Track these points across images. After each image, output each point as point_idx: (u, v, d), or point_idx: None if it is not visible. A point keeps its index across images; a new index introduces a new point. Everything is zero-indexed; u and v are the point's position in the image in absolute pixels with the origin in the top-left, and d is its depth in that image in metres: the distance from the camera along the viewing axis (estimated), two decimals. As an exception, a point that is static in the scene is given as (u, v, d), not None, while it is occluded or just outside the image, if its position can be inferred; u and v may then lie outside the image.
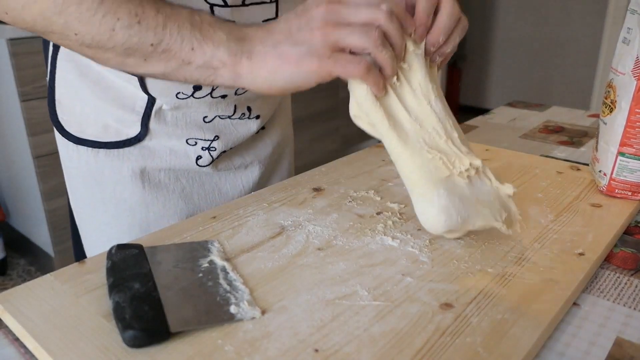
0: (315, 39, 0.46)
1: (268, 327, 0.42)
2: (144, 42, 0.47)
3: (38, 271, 2.08)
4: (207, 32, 0.47)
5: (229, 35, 0.48)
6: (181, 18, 0.47)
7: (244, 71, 0.48)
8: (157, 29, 0.47)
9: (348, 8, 0.46)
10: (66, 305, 0.44)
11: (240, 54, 0.48)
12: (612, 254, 0.56)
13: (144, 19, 0.46)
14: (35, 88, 1.72)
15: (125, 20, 0.46)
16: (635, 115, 0.61)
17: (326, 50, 0.46)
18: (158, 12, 0.47)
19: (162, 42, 0.47)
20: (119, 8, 0.46)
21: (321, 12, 0.46)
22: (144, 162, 0.69)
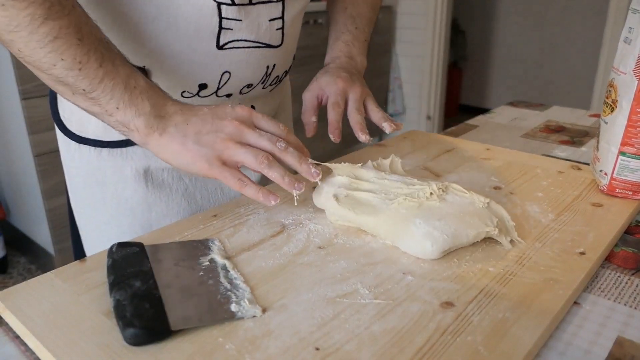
0: (215, 147, 0.54)
1: (269, 326, 0.41)
2: (77, 85, 0.51)
3: (39, 269, 2.08)
4: (135, 100, 0.53)
5: (152, 109, 0.54)
6: (118, 78, 0.52)
7: (153, 143, 0.54)
8: (93, 80, 0.51)
9: (253, 134, 0.55)
10: (67, 303, 0.44)
11: (155, 129, 0.54)
12: (613, 253, 0.55)
13: (85, 68, 0.50)
14: (36, 86, 1.72)
15: (68, 63, 0.50)
16: (637, 115, 0.61)
17: (219, 160, 0.54)
18: (100, 66, 0.51)
19: (93, 92, 0.51)
20: (66, 50, 0.49)
21: (230, 128, 0.54)
22: (147, 162, 0.69)
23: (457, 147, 0.84)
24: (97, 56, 0.51)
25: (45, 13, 0.47)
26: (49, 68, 0.50)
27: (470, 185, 0.67)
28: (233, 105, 0.56)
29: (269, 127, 0.57)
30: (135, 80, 0.53)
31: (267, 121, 0.57)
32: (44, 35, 0.48)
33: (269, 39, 0.66)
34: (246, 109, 0.56)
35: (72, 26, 0.49)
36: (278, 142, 0.55)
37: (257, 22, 0.64)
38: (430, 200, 0.55)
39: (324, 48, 0.84)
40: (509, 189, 0.68)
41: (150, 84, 0.55)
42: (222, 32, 0.61)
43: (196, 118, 0.55)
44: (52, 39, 0.48)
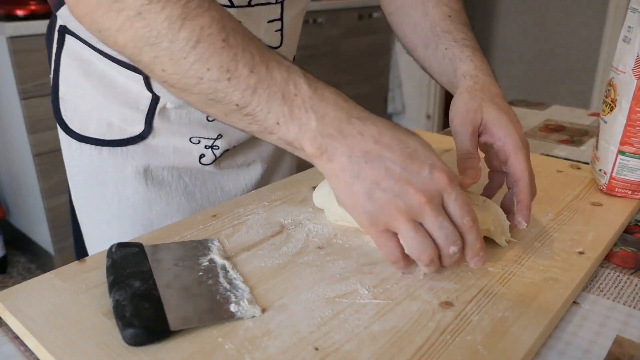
0: (385, 211, 0.42)
1: (268, 325, 0.42)
2: (229, 100, 0.43)
3: (38, 269, 2.08)
4: (297, 111, 0.42)
5: (319, 124, 0.42)
6: (274, 85, 0.42)
7: (321, 166, 0.44)
8: (245, 91, 0.42)
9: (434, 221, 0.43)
10: (66, 303, 0.44)
11: (324, 151, 0.43)
12: (612, 252, 0.56)
13: (235, 77, 0.42)
14: (36, 86, 1.72)
15: (215, 73, 0.42)
16: (636, 114, 0.61)
17: (382, 224, 0.43)
18: (252, 72, 0.42)
19: (247, 106, 0.43)
20: (211, 57, 0.41)
21: (414, 201, 0.42)
22: (147, 160, 0.69)
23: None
24: (246, 60, 0.42)
25: (183, 12, 0.41)
26: (196, 84, 0.42)
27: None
28: (433, 167, 0.43)
29: (454, 215, 0.44)
30: (295, 85, 0.43)
31: (457, 207, 0.43)
32: (185, 42, 0.41)
33: (268, 40, 0.66)
34: (444, 179, 0.43)
35: (215, 24, 0.42)
36: (452, 247, 0.44)
37: (256, 23, 0.63)
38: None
39: (323, 48, 0.84)
40: (508, 189, 0.68)
41: (317, 87, 0.43)
42: None
43: (380, 162, 0.42)
44: (194, 44, 0.41)
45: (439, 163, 0.43)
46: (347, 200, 0.44)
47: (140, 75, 0.64)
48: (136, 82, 0.65)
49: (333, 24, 2.68)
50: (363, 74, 2.91)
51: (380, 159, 0.42)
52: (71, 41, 0.67)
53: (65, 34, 0.67)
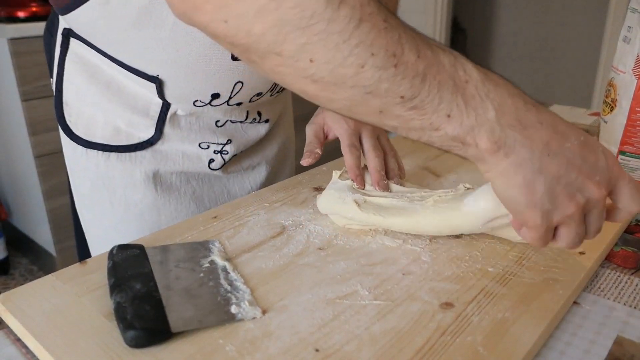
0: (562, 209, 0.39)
1: (269, 327, 0.42)
2: (393, 91, 0.36)
3: (40, 270, 2.09)
4: (472, 100, 0.37)
5: (499, 113, 0.37)
6: (443, 72, 0.36)
7: (492, 162, 0.39)
8: (414, 80, 0.35)
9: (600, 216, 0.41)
10: (68, 305, 0.44)
11: (502, 145, 0.37)
12: (613, 252, 0.56)
13: (402, 63, 0.35)
14: (36, 87, 1.73)
15: (380, 59, 0.35)
16: (636, 114, 0.61)
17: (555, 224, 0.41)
18: (418, 56, 0.35)
19: (415, 97, 0.36)
20: (375, 40, 0.34)
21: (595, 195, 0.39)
22: (156, 166, 0.69)
23: (457, 146, 0.84)
24: (411, 43, 0.35)
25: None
26: (354, 75, 0.35)
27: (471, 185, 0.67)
28: (606, 156, 0.40)
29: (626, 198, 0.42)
30: (464, 69, 0.37)
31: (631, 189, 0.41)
32: (346, 21, 0.33)
33: None
34: (617, 167, 0.40)
35: (373, 2, 0.35)
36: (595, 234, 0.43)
37: None
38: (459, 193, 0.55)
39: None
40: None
41: (486, 72, 0.38)
42: None
43: (562, 154, 0.38)
44: (357, 23, 0.34)
45: (607, 150, 0.41)
46: (524, 198, 0.39)
47: (152, 84, 0.64)
48: (146, 88, 0.65)
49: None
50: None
51: (562, 151, 0.38)
52: (76, 45, 0.66)
53: (69, 38, 0.66)
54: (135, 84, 0.65)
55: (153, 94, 0.65)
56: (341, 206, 0.57)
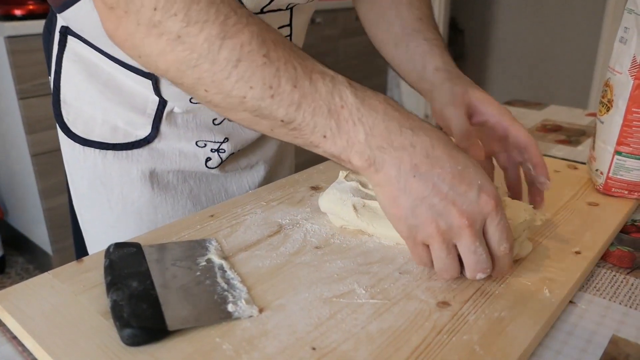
0: (424, 228, 0.43)
1: (266, 326, 0.42)
2: (274, 116, 0.42)
3: (36, 269, 2.08)
4: (344, 125, 0.41)
5: (368, 136, 0.41)
6: (318, 99, 0.41)
7: (369, 177, 0.44)
8: (290, 107, 0.41)
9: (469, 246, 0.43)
10: (64, 303, 0.44)
11: (372, 163, 0.42)
12: (609, 252, 0.56)
13: (278, 94, 0.41)
14: (34, 86, 1.72)
15: (258, 91, 0.41)
16: (632, 115, 0.61)
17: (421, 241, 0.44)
18: (295, 87, 0.41)
19: (293, 122, 0.42)
20: (253, 75, 0.40)
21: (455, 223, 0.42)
22: (153, 164, 0.69)
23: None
24: (289, 74, 0.41)
25: (222, 31, 0.40)
26: (240, 103, 0.41)
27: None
28: (481, 189, 0.42)
29: (493, 240, 0.44)
30: (340, 96, 0.41)
31: (498, 233, 0.43)
32: (226, 62, 0.40)
33: None
34: (491, 204, 0.42)
35: (255, 39, 0.40)
36: (479, 274, 0.45)
37: None
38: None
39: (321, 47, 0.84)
40: (505, 189, 0.68)
41: (364, 97, 0.42)
42: None
43: (429, 177, 0.42)
44: (235, 63, 0.40)
45: (487, 185, 0.43)
46: (391, 211, 0.44)
47: (149, 80, 0.64)
48: (143, 86, 0.65)
49: (331, 24, 2.69)
50: (361, 74, 2.91)
51: (429, 174, 0.41)
52: (74, 43, 0.66)
53: (67, 36, 0.66)
54: (132, 82, 0.65)
55: (150, 91, 0.65)
56: (340, 207, 0.57)
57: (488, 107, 0.58)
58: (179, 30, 0.40)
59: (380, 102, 0.42)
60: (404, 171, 0.41)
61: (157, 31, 0.40)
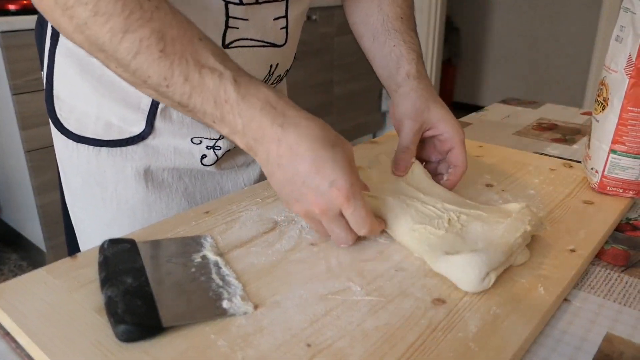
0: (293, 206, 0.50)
1: (261, 322, 0.42)
2: (173, 99, 0.48)
3: (30, 266, 2.07)
4: (227, 116, 0.47)
5: (246, 128, 0.47)
6: (207, 92, 0.46)
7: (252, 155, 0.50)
8: (182, 96, 0.47)
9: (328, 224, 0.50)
10: (58, 299, 0.44)
11: (250, 149, 0.49)
12: (603, 250, 0.56)
13: (172, 85, 0.46)
14: (27, 81, 1.71)
15: (154, 80, 0.46)
16: (628, 113, 0.61)
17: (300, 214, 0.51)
18: (186, 80, 0.46)
19: (187, 106, 0.48)
20: (150, 67, 0.45)
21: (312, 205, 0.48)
22: (148, 162, 0.68)
23: (450, 144, 0.84)
24: (182, 68, 0.46)
25: (125, 25, 0.44)
26: (143, 84, 0.47)
27: (463, 183, 0.67)
28: (333, 184, 0.47)
29: (351, 225, 0.50)
30: (225, 92, 0.47)
31: (354, 221, 0.49)
32: (126, 53, 0.45)
33: (274, 38, 0.66)
34: (340, 197, 0.47)
35: (154, 35, 0.45)
36: (342, 244, 0.52)
37: (263, 21, 0.64)
38: (453, 227, 0.53)
39: (317, 45, 0.84)
40: (501, 187, 0.68)
41: (246, 93, 0.47)
42: (228, 31, 0.61)
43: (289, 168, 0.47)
44: (133, 55, 0.45)
45: (340, 180, 0.47)
46: (272, 184, 0.51)
47: None
48: None
49: (327, 21, 2.68)
50: (357, 71, 2.91)
51: (290, 166, 0.48)
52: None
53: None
54: None
55: None
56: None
57: (445, 125, 0.64)
58: (86, 18, 0.44)
59: (259, 99, 0.47)
60: (271, 160, 0.48)
61: (69, 14, 0.44)
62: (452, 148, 0.64)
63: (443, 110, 0.65)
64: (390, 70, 0.69)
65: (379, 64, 0.72)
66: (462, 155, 0.64)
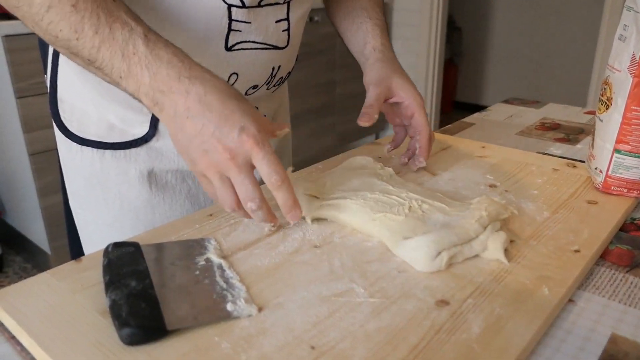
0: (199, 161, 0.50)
1: (264, 324, 0.42)
2: (82, 55, 0.49)
3: (34, 268, 2.08)
4: (134, 68, 0.48)
5: (152, 80, 0.48)
6: (115, 45, 0.48)
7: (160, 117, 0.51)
8: (92, 50, 0.48)
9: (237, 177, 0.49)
10: (63, 302, 0.44)
11: (156, 104, 0.49)
12: (608, 250, 0.56)
13: (82, 37, 0.48)
14: (31, 85, 1.72)
15: (66, 33, 0.48)
16: (631, 113, 0.61)
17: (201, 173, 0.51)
18: (96, 33, 0.48)
19: (95, 61, 0.49)
20: (61, 21, 0.48)
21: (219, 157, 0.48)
22: (151, 164, 0.68)
23: (453, 145, 0.84)
24: (92, 22, 0.48)
25: None
26: (54, 41, 0.49)
27: (466, 183, 0.67)
28: (242, 130, 0.48)
29: (262, 173, 0.50)
30: (134, 45, 0.48)
31: (264, 165, 0.49)
32: (39, 7, 0.47)
33: (276, 41, 0.67)
34: (250, 142, 0.48)
35: None
36: (249, 202, 0.50)
37: (265, 23, 0.64)
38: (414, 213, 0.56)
39: (319, 45, 0.85)
40: (504, 187, 0.68)
41: (154, 47, 0.49)
42: (230, 34, 0.62)
43: (198, 119, 0.48)
44: (46, 9, 0.47)
45: (250, 126, 0.48)
46: (176, 145, 0.51)
47: None
48: None
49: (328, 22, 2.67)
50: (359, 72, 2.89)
51: (200, 117, 0.48)
52: None
53: None
54: None
55: None
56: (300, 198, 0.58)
57: (405, 92, 0.71)
58: None
59: (167, 53, 0.49)
60: (179, 113, 0.48)
61: None
62: (413, 113, 0.71)
63: (402, 79, 0.72)
64: (359, 46, 0.77)
65: (350, 40, 0.79)
66: (421, 118, 0.70)
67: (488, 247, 0.52)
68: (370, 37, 0.76)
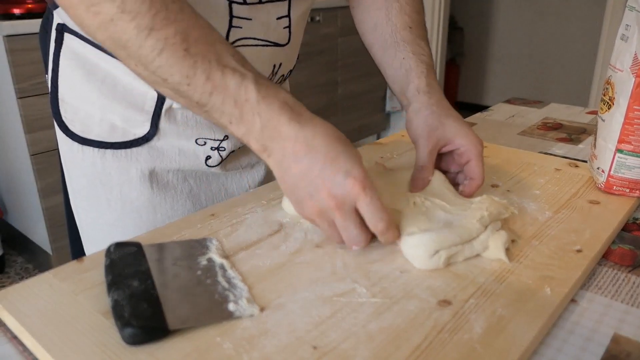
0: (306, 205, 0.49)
1: (266, 324, 0.42)
2: (190, 99, 0.48)
3: (36, 269, 2.08)
4: (246, 116, 0.48)
5: (264, 128, 0.48)
6: (227, 92, 0.47)
7: (262, 158, 0.51)
8: (203, 95, 0.48)
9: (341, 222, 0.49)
10: (64, 302, 0.44)
11: (265, 149, 0.49)
12: (610, 250, 0.56)
13: (193, 83, 0.47)
14: (32, 85, 1.72)
15: (176, 78, 0.47)
16: (634, 112, 0.61)
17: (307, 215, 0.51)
18: (208, 79, 0.47)
19: (205, 105, 0.48)
20: (173, 65, 0.46)
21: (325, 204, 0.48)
22: (152, 163, 0.69)
23: (455, 144, 0.84)
24: (204, 67, 0.47)
25: (150, 23, 0.45)
26: (162, 83, 0.48)
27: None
28: (348, 173, 0.47)
29: (367, 219, 0.49)
30: (246, 92, 0.48)
31: (369, 213, 0.48)
32: (150, 49, 0.46)
33: (277, 38, 0.67)
34: (357, 186, 0.47)
35: (179, 34, 0.46)
36: (354, 246, 0.50)
37: (266, 20, 0.64)
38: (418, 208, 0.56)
39: (321, 45, 0.84)
40: (506, 187, 0.68)
41: (266, 94, 0.48)
42: (231, 31, 0.62)
43: (305, 161, 0.48)
44: (158, 52, 0.46)
45: (355, 170, 0.48)
46: (282, 187, 0.51)
47: None
48: (141, 82, 0.64)
49: (330, 22, 2.68)
50: (361, 72, 2.91)
51: (305, 159, 0.48)
52: (71, 40, 0.66)
53: (64, 33, 0.66)
54: (130, 78, 0.65)
55: (148, 87, 0.64)
56: (287, 203, 0.60)
57: (462, 138, 0.62)
58: (113, 15, 0.45)
59: (279, 99, 0.49)
60: (287, 156, 0.49)
61: (95, 10, 0.45)
62: (469, 161, 0.63)
63: (457, 123, 0.63)
64: (401, 85, 0.68)
65: (390, 78, 0.71)
66: (478, 168, 0.62)
67: (489, 247, 0.52)
68: (414, 76, 0.67)
